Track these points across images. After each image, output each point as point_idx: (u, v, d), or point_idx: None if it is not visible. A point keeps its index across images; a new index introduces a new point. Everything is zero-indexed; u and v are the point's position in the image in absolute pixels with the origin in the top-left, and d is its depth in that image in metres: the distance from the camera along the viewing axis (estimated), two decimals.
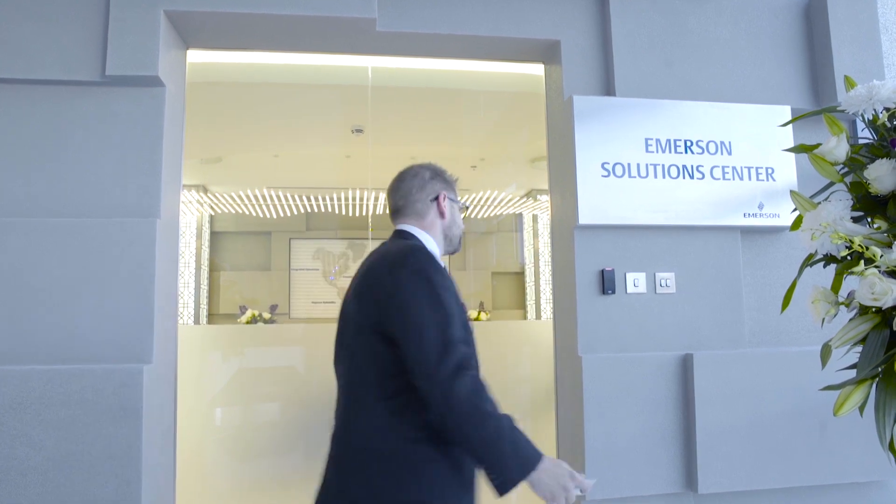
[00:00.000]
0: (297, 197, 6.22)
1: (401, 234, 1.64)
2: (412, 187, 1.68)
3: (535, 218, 7.66)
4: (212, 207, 6.36)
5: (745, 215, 2.99)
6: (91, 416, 2.35)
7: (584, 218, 2.84)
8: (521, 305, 7.92)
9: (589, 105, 2.92)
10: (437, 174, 1.72)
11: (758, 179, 3.02)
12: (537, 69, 3.37)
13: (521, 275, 7.96)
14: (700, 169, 2.97)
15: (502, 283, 7.87)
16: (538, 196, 6.43)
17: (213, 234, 7.06)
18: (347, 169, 6.18)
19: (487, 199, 6.60)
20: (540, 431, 3.44)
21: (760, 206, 3.00)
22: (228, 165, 5.97)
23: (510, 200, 6.60)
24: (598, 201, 2.86)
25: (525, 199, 6.58)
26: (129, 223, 2.54)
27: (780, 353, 2.89)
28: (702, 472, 2.74)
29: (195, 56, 3.23)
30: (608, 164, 2.89)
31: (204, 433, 3.41)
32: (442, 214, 1.68)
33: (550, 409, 3.18)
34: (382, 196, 6.33)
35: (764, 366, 2.86)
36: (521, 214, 7.94)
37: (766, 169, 3.03)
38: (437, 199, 1.68)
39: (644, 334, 2.87)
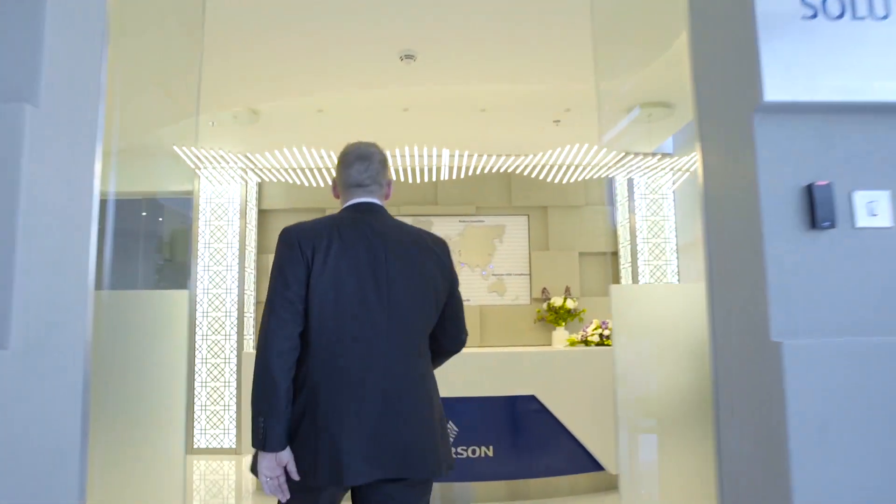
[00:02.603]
0: None
1: (376, 208, 1.77)
2: (379, 169, 1.80)
3: (630, 184, 6.27)
4: (257, 174, 5.36)
5: None
6: None
7: (774, 91, 1.52)
8: None
9: None
10: (386, 160, 1.85)
11: None
12: None
13: (614, 255, 6.60)
14: None
15: (592, 266, 6.53)
16: (636, 155, 5.07)
17: (260, 212, 6.11)
18: (406, 124, 5.04)
19: (573, 163, 5.26)
20: (673, 470, 2.13)
21: None
22: (268, 124, 4.97)
23: (602, 163, 5.23)
24: (799, 62, 1.54)
25: (621, 159, 5.21)
26: None
27: None
28: None
29: None
30: None
31: None
32: (387, 196, 1.85)
33: (690, 436, 1.87)
34: (446, 156, 5.17)
35: None
36: (612, 180, 6.55)
37: None
38: (389, 183, 1.86)
39: None
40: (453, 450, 4.06)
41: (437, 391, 1.73)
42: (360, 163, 1.77)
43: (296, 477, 1.52)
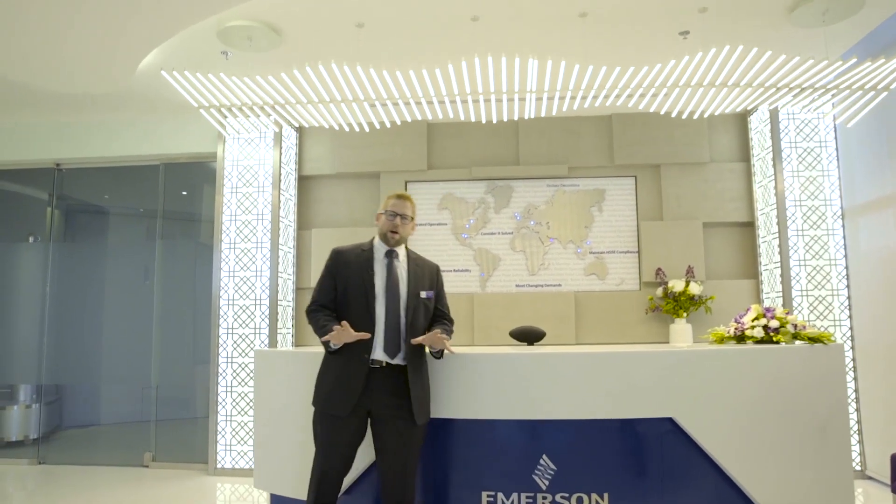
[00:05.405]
0: (403, 104, 3.78)
1: None
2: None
3: (774, 127, 4.52)
4: (286, 117, 4.09)
5: None
6: None
7: None
8: (752, 272, 4.88)
9: None
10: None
11: None
12: None
13: (750, 226, 4.93)
14: None
15: (721, 239, 4.91)
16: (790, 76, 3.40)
17: (301, 179, 4.89)
18: (474, 41, 3.63)
19: (709, 82, 3.62)
20: None
21: None
22: (294, 49, 3.71)
23: (753, 83, 3.59)
24: None
25: (770, 81, 3.57)
26: None
27: None
28: None
29: None
30: None
31: None
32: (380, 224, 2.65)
33: None
34: (532, 80, 3.66)
35: None
36: (748, 125, 4.83)
37: None
38: (378, 217, 2.64)
39: None
40: (549, 496, 2.75)
41: None
42: None
43: None
